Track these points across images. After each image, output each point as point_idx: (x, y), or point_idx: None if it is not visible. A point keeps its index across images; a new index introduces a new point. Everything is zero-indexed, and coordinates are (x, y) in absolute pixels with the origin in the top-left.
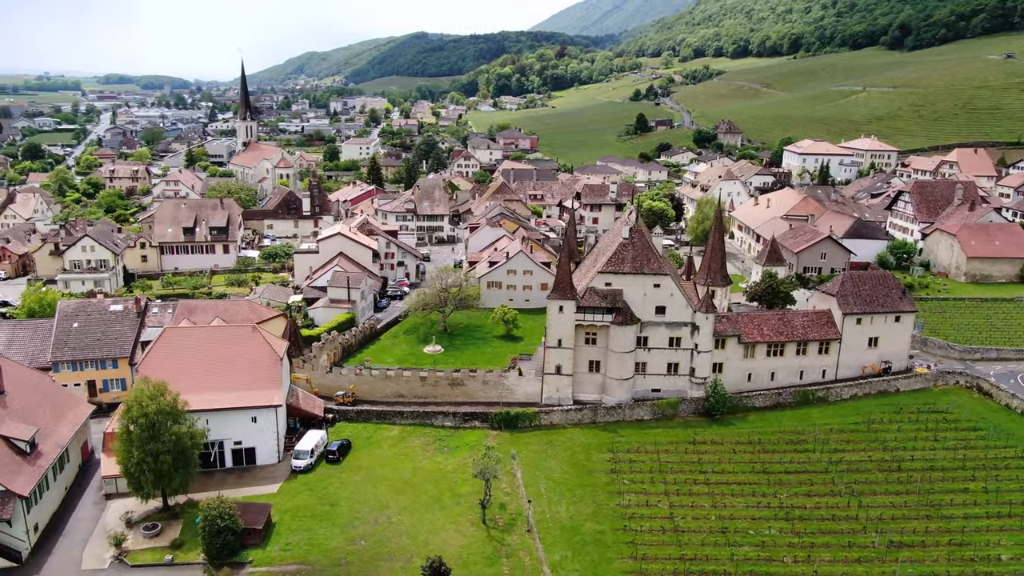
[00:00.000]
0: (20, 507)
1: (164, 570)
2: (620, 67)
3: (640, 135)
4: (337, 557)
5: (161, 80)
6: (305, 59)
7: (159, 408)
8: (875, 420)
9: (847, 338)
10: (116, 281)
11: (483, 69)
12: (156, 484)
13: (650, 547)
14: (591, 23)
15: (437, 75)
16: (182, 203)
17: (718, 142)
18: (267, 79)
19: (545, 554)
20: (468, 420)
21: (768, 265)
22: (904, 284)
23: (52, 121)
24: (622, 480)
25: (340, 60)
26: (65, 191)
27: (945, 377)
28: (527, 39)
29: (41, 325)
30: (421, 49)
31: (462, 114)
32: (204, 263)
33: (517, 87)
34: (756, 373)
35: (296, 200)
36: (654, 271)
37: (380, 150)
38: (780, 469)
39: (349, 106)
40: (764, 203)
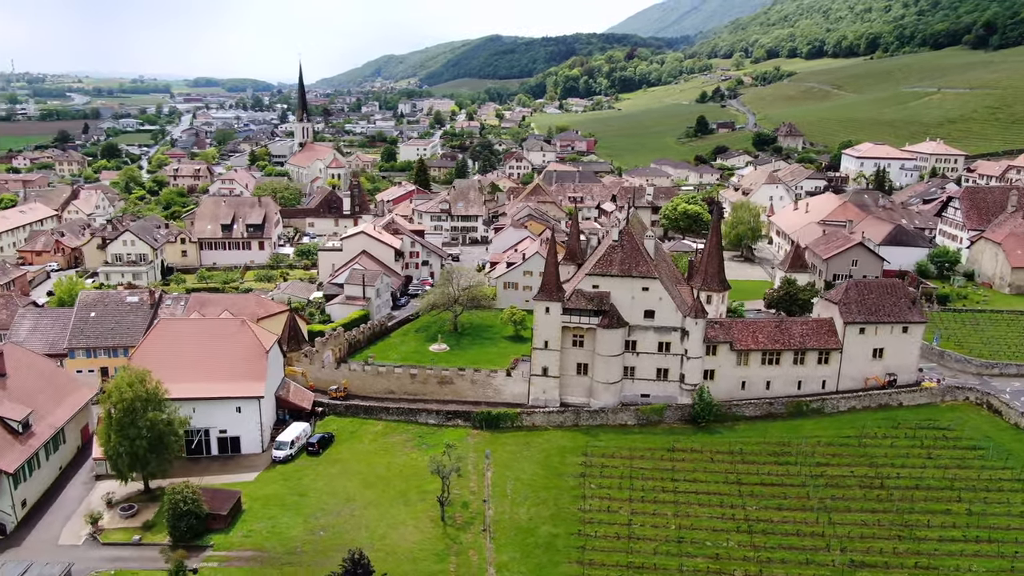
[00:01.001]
0: (7, 483)
1: (131, 549)
2: (690, 69)
3: (699, 138)
4: (293, 546)
5: (245, 83)
6: (383, 62)
7: (135, 395)
8: (868, 434)
9: (849, 348)
10: (154, 274)
11: (551, 71)
12: (132, 467)
13: (599, 552)
14: (667, 24)
15: (507, 77)
16: (222, 201)
17: (777, 145)
18: (345, 82)
19: (495, 554)
20: (451, 419)
21: (791, 271)
22: (940, 294)
23: (135, 122)
24: (589, 484)
25: (416, 63)
26: (132, 188)
27: (954, 392)
28: (598, 41)
29: (63, 314)
30: (493, 52)
31: (526, 116)
32: (240, 259)
33: (585, 89)
34: (751, 381)
35: (337, 199)
36: (642, 274)
37: (438, 151)
38: (755, 481)
39: (417, 108)
40: (803, 208)
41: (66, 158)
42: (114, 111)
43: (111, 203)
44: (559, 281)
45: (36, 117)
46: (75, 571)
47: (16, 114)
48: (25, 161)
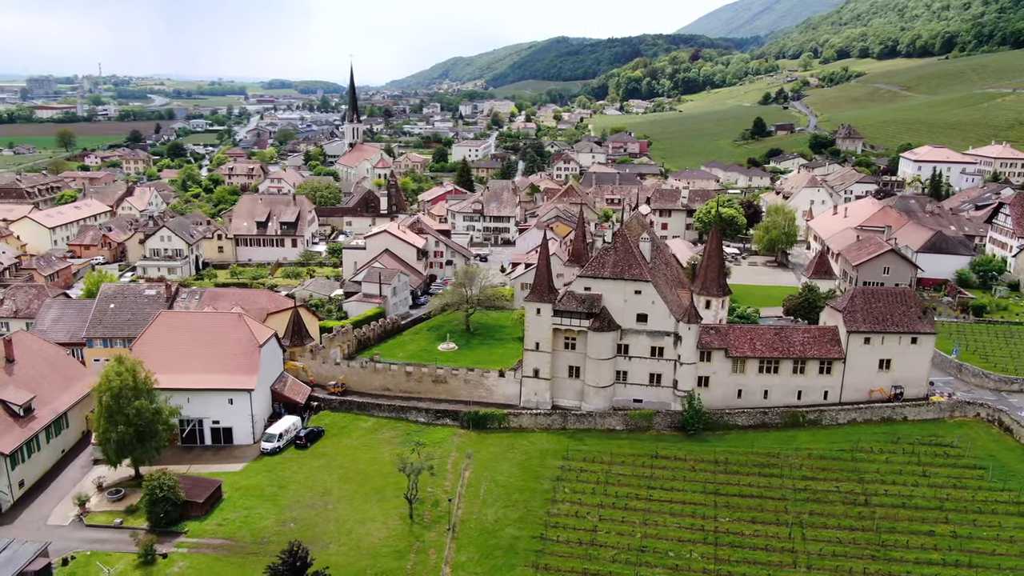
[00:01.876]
0: (4, 464)
1: (112, 531)
2: (755, 70)
3: (756, 140)
4: (262, 536)
5: (317, 85)
6: (451, 64)
7: (123, 383)
8: (864, 448)
9: (853, 358)
10: (188, 269)
11: (614, 73)
12: (119, 453)
13: (557, 558)
14: (739, 25)
15: (571, 79)
16: (259, 199)
17: (835, 148)
18: (414, 84)
19: (454, 554)
20: (440, 417)
21: (815, 278)
22: (976, 305)
23: (205, 123)
24: (563, 488)
25: (483, 65)
26: (188, 186)
27: (964, 408)
28: (663, 42)
29: (86, 305)
30: (558, 53)
31: (584, 117)
32: (273, 255)
33: (647, 91)
34: (747, 390)
35: (375, 199)
36: (635, 277)
37: (491, 152)
38: (734, 492)
39: (478, 110)
40: (842, 213)
41: (133, 156)
42: (188, 112)
43: (164, 200)
44: (550, 282)
45: (115, 118)
46: (54, 550)
47: (97, 115)
48: (96, 160)
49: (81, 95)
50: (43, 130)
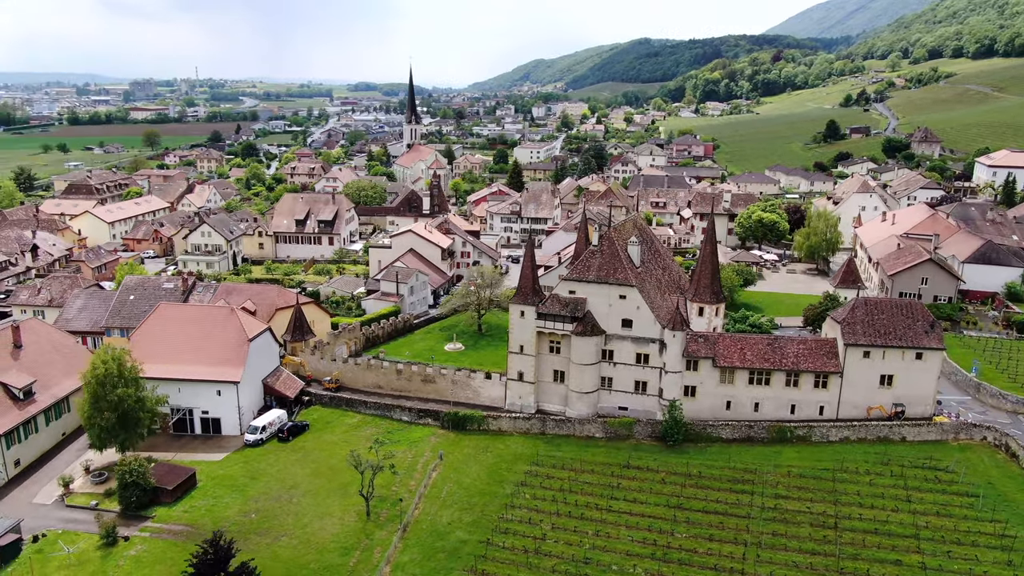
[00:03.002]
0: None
1: (88, 512)
2: (839, 71)
3: (828, 144)
4: (221, 525)
5: (400, 87)
6: (532, 66)
7: (107, 371)
8: (848, 468)
9: (851, 373)
10: (227, 264)
11: (691, 75)
12: (101, 438)
13: (497, 564)
14: (831, 24)
15: (649, 81)
16: (300, 197)
17: (909, 152)
18: (495, 86)
19: (398, 553)
20: (423, 416)
21: (841, 287)
22: (1018, 320)
23: (284, 123)
24: (523, 494)
25: (563, 67)
26: (252, 184)
27: (969, 430)
28: (746, 43)
29: (110, 296)
30: (638, 55)
31: (656, 120)
32: (310, 252)
33: (725, 93)
34: (737, 401)
35: (418, 199)
36: (619, 281)
37: (555, 153)
38: (699, 507)
39: (552, 112)
40: (890, 219)
41: (207, 156)
42: (272, 113)
43: (223, 198)
44: (535, 284)
45: (203, 119)
46: (30, 527)
47: (187, 116)
48: (175, 158)
49: (178, 97)
50: (136, 130)
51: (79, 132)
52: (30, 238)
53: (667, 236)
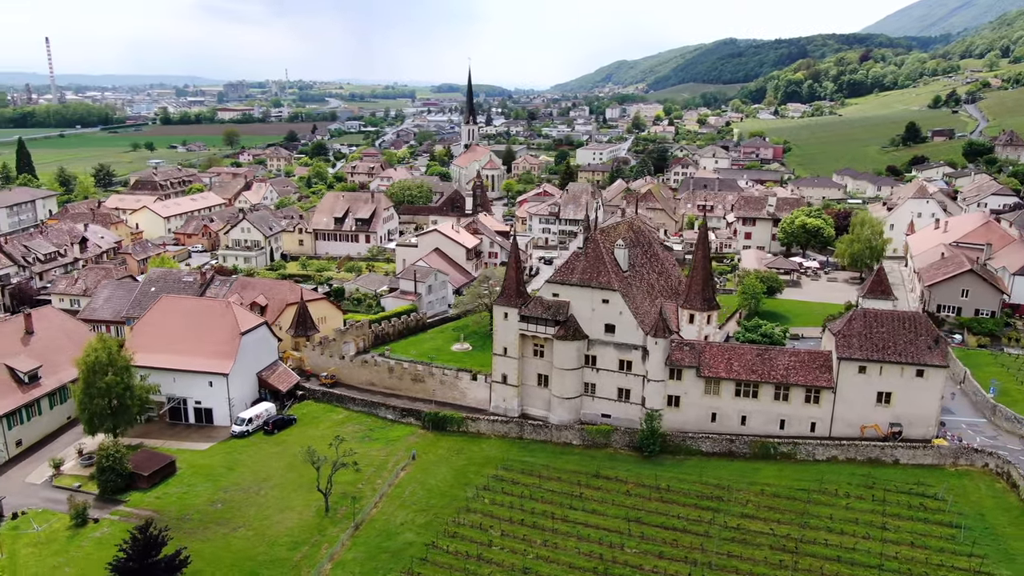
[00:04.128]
0: (0, 424)
1: (70, 493)
2: (932, 70)
3: (907, 147)
4: (187, 513)
5: (481, 89)
6: (614, 68)
7: (97, 359)
8: (827, 490)
9: (845, 389)
10: (264, 259)
11: (773, 75)
12: (91, 423)
13: (435, 567)
14: (931, 23)
15: (731, 82)
16: (341, 195)
17: (992, 156)
18: (576, 87)
19: (344, 551)
20: (405, 415)
21: (869, 297)
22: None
23: (359, 124)
24: (483, 498)
25: (646, 68)
26: (313, 183)
27: (970, 455)
28: (834, 43)
29: (135, 287)
30: (721, 56)
31: (732, 121)
32: (347, 250)
33: (808, 94)
34: (723, 414)
35: (461, 199)
36: (602, 285)
37: (620, 155)
38: (658, 522)
39: (626, 113)
40: (943, 227)
41: (276, 154)
42: (352, 114)
43: (279, 195)
44: (520, 286)
45: (285, 119)
46: (15, 504)
47: (270, 116)
48: (249, 157)
49: (267, 98)
50: (220, 130)
51: (169, 131)
52: (81, 231)
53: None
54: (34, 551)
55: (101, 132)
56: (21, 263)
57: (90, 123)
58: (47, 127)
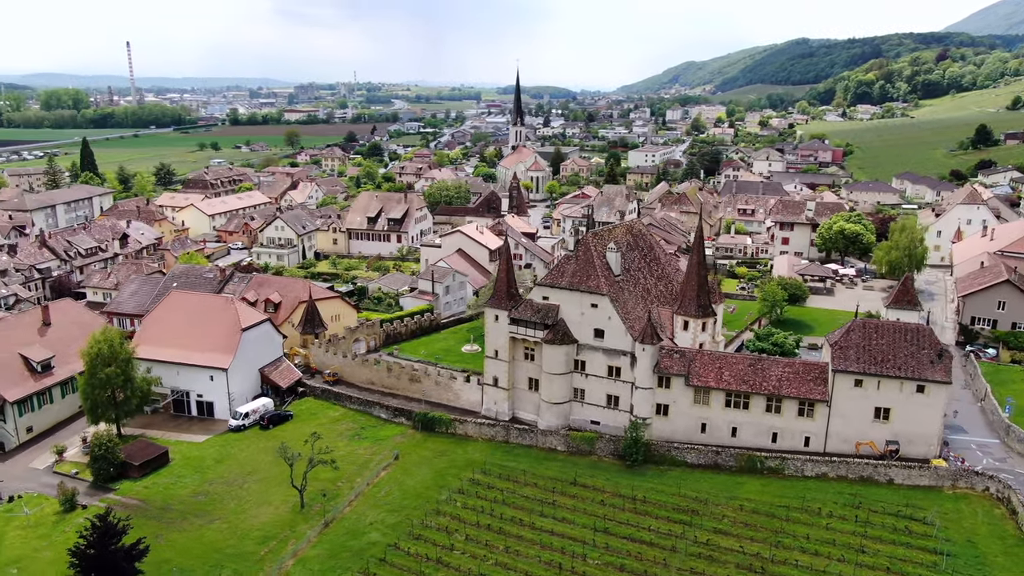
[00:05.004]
0: (11, 410)
1: (68, 479)
2: (1014, 70)
3: (977, 150)
4: (169, 503)
5: (545, 91)
6: (682, 69)
7: (97, 352)
8: (809, 508)
9: (840, 402)
10: (296, 257)
11: (843, 76)
12: (92, 412)
13: (391, 569)
14: (1019, 20)
15: (801, 83)
16: (375, 195)
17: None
18: (642, 89)
19: (309, 548)
20: (397, 415)
21: (895, 307)
22: None
23: (417, 125)
24: (455, 501)
25: (714, 69)
26: (363, 183)
27: (970, 478)
28: (911, 42)
29: (159, 281)
30: (791, 56)
31: (795, 124)
32: (378, 249)
33: (879, 95)
34: (713, 424)
35: (497, 200)
36: (591, 289)
37: (674, 158)
38: (625, 534)
39: (688, 115)
40: (989, 235)
41: (331, 155)
42: (414, 115)
43: (324, 194)
44: (511, 288)
45: (349, 120)
46: (15, 488)
47: (334, 118)
48: (306, 157)
49: (333, 100)
50: (284, 131)
51: (237, 132)
52: (123, 227)
53: (743, 245)
54: (21, 534)
55: (173, 132)
56: (63, 257)
57: (164, 124)
58: (124, 127)
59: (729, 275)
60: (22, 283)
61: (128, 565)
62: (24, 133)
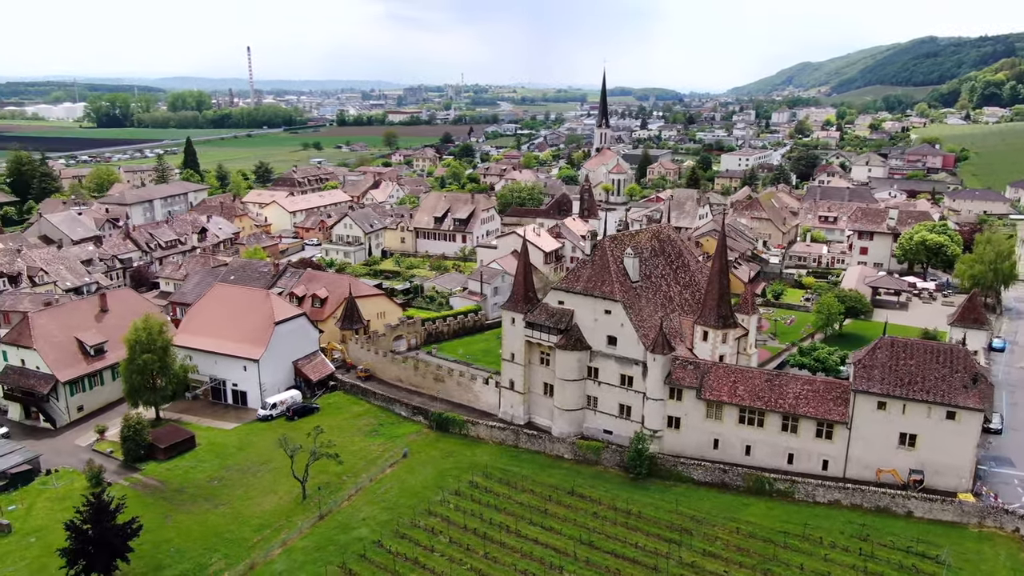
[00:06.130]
0: (63, 390)
1: (101, 456)
2: None
3: None
4: (183, 486)
5: (653, 92)
6: (797, 70)
7: (136, 338)
8: (811, 537)
9: (862, 425)
10: (362, 255)
11: (969, 77)
12: (131, 396)
13: (368, 566)
14: None
15: (923, 84)
16: (443, 195)
17: None
18: (754, 90)
19: (299, 538)
20: (416, 414)
21: (959, 325)
22: None
23: (514, 127)
24: (449, 503)
25: (831, 70)
26: (447, 182)
27: (999, 517)
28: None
29: (219, 274)
30: (914, 56)
31: (909, 127)
32: (443, 249)
33: (1010, 96)
34: (726, 441)
35: (568, 202)
36: (604, 295)
37: (771, 162)
38: (611, 548)
39: (795, 118)
40: None
41: (423, 155)
42: (515, 117)
43: (409, 193)
44: (527, 291)
45: (450, 122)
46: (53, 463)
47: (436, 119)
48: (400, 157)
49: (442, 101)
50: (385, 132)
51: (342, 132)
52: (203, 221)
53: (817, 254)
54: (48, 505)
55: (283, 132)
56: (144, 249)
57: (275, 124)
58: (240, 127)
59: (796, 285)
60: (104, 272)
61: (119, 542)
62: (151, 132)
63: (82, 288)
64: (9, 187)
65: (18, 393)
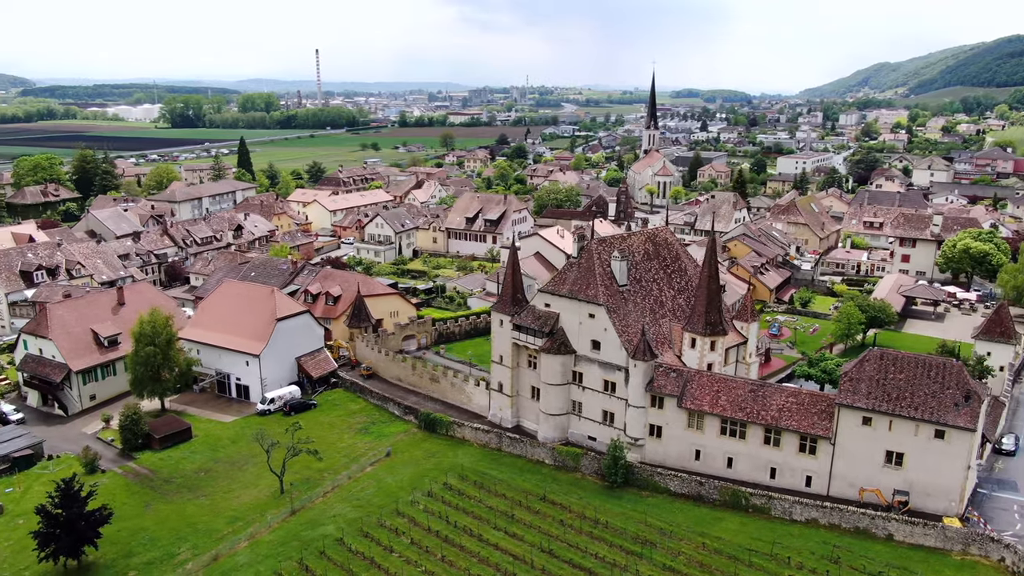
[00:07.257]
0: (76, 379)
1: (102, 444)
2: None
3: None
4: (172, 476)
5: (721, 94)
6: (873, 71)
7: (141, 331)
8: (779, 556)
9: (846, 441)
10: (392, 254)
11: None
12: (136, 387)
13: (326, 563)
14: None
15: (1007, 85)
16: (476, 196)
17: None
18: (828, 91)
19: (267, 532)
20: (407, 413)
21: (984, 339)
22: None
23: (572, 129)
24: (419, 504)
25: (910, 71)
26: (494, 183)
27: (984, 544)
28: None
29: (241, 270)
30: (998, 56)
31: (985, 130)
32: (473, 249)
33: None
34: (708, 453)
35: (604, 204)
36: (588, 298)
37: (831, 164)
38: (569, 557)
39: (865, 119)
40: None
41: (474, 156)
42: (577, 118)
43: (453, 193)
44: (516, 293)
45: (510, 123)
46: (55, 448)
47: (496, 120)
48: (452, 158)
49: (506, 103)
50: (447, 132)
51: (402, 133)
52: (239, 219)
53: (856, 261)
54: (43, 489)
55: (345, 133)
56: (180, 244)
57: (339, 125)
58: (304, 128)
59: (828, 292)
60: (140, 266)
61: (88, 528)
62: (220, 132)
63: (117, 282)
64: (74, 184)
65: (36, 381)
